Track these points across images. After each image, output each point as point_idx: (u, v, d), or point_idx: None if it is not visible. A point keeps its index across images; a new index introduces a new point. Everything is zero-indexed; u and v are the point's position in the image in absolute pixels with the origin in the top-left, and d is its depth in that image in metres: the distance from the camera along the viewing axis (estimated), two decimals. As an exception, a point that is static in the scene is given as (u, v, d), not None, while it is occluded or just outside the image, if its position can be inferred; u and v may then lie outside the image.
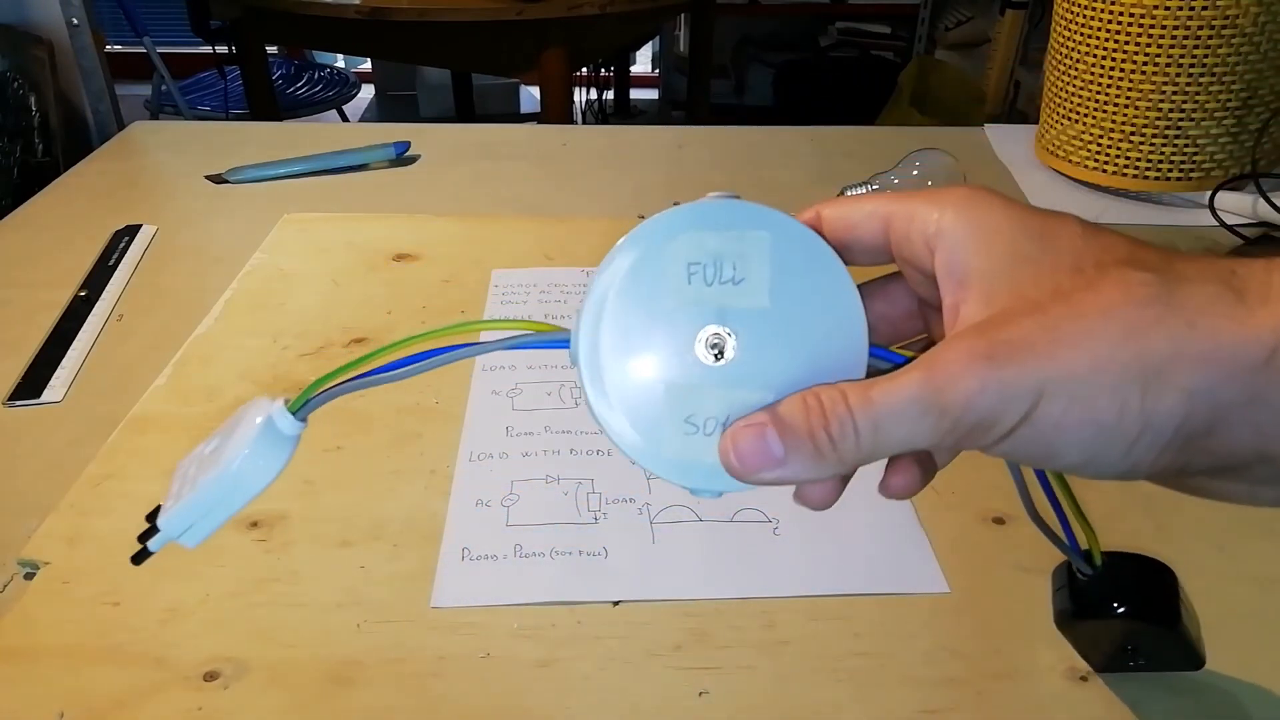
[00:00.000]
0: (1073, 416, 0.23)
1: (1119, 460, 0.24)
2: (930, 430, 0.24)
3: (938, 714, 0.37)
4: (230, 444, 0.28)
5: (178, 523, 0.28)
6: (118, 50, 2.84)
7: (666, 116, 3.03)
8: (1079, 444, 0.23)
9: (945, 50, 2.68)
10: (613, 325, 0.26)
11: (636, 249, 0.26)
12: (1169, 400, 0.22)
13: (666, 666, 0.39)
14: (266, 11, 1.78)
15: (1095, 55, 0.77)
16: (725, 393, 0.26)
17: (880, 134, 0.98)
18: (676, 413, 0.26)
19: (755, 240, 0.26)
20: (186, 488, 0.28)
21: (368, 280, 0.67)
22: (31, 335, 0.61)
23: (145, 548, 0.29)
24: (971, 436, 0.24)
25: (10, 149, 1.18)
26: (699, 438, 0.26)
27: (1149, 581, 0.34)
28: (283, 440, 0.28)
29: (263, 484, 0.28)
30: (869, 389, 0.24)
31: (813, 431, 0.25)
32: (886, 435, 0.24)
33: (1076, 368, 0.23)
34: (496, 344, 0.27)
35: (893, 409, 0.24)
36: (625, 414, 0.26)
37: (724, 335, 0.26)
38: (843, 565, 0.44)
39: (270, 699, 0.38)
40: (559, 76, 1.73)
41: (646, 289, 0.26)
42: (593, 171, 0.88)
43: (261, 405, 0.28)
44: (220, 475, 0.28)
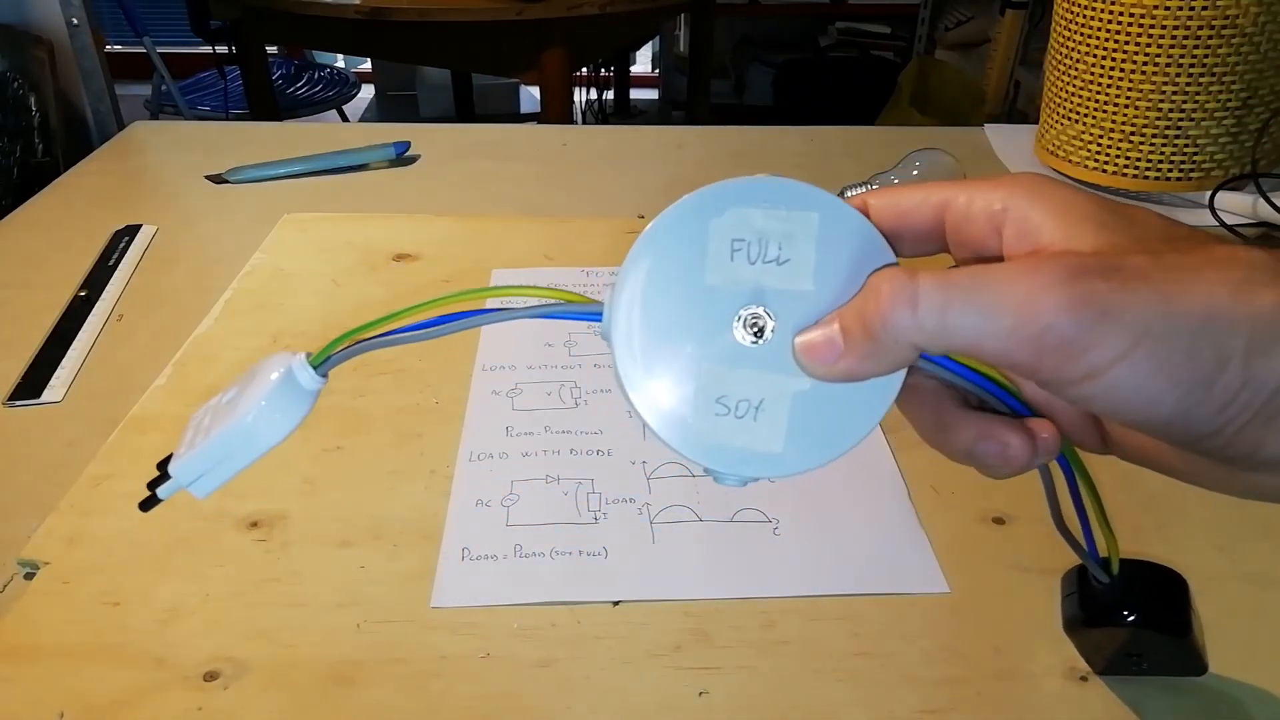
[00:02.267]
0: (1174, 363, 0.22)
1: (1210, 418, 0.22)
2: (1008, 332, 0.22)
3: (938, 714, 0.37)
4: (247, 395, 0.27)
5: (189, 470, 0.28)
6: (118, 50, 2.85)
7: (666, 116, 3.03)
8: (1177, 394, 0.22)
9: (945, 50, 2.68)
10: (649, 299, 0.25)
11: (679, 221, 0.25)
12: (1276, 359, 0.22)
13: (666, 666, 0.39)
14: (266, 11, 1.78)
15: (1095, 55, 0.77)
16: (760, 375, 0.25)
17: (880, 134, 0.98)
18: (709, 393, 0.25)
19: (803, 221, 0.25)
20: (200, 436, 0.28)
21: (368, 280, 0.67)
22: (31, 335, 0.61)
23: (154, 494, 0.28)
24: (1051, 360, 0.22)
25: (10, 149, 1.18)
26: (729, 420, 0.25)
27: (1162, 590, 0.34)
28: (301, 394, 0.27)
29: (278, 438, 0.27)
30: (947, 272, 0.23)
31: (863, 310, 0.23)
32: (954, 319, 0.22)
33: (1189, 311, 0.21)
34: (524, 311, 0.26)
35: (968, 290, 0.22)
36: (655, 391, 0.25)
37: (764, 316, 0.25)
38: (843, 565, 0.44)
39: (270, 699, 0.38)
40: (559, 76, 1.73)
41: (687, 263, 0.25)
42: (593, 171, 0.88)
43: (280, 359, 0.27)
44: (235, 425, 0.27)
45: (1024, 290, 0.22)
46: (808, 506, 0.47)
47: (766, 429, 0.25)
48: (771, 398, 0.25)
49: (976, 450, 0.26)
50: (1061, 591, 0.36)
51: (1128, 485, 0.47)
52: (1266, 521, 0.46)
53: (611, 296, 0.26)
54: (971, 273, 0.23)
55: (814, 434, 0.25)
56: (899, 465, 0.50)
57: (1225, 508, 0.47)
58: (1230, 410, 0.22)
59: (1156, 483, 0.47)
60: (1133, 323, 0.21)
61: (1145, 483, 0.47)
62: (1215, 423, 0.23)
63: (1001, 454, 0.26)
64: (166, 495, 0.28)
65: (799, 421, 0.25)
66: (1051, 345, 0.22)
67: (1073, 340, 0.22)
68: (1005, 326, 0.22)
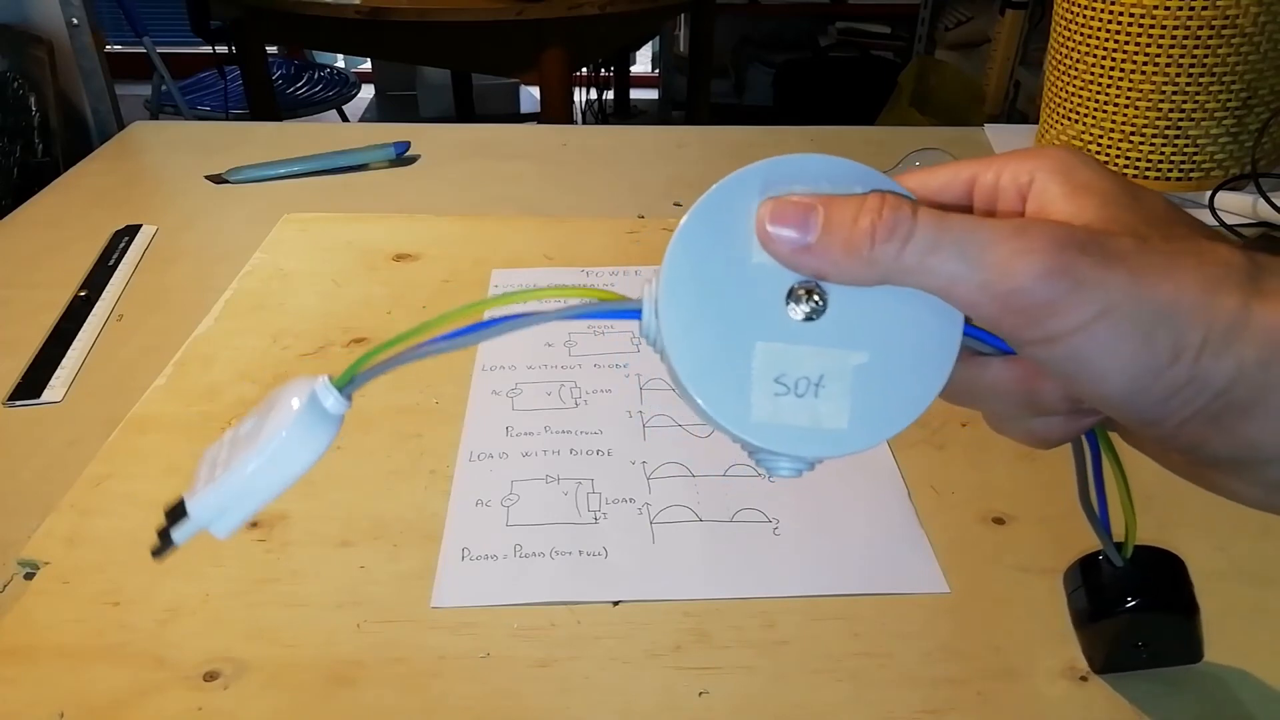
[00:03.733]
0: (1130, 344, 0.22)
1: (1154, 405, 0.23)
2: (979, 285, 0.23)
3: (938, 714, 0.37)
4: (269, 424, 0.26)
5: (208, 507, 0.26)
6: (118, 50, 2.85)
7: (666, 116, 3.03)
8: (1125, 374, 0.23)
9: (945, 50, 2.68)
10: (697, 282, 0.25)
11: (723, 201, 0.25)
12: (1224, 362, 0.22)
13: (666, 666, 0.39)
14: (266, 11, 1.78)
15: (1095, 55, 0.77)
16: (818, 351, 0.25)
17: (880, 134, 0.98)
18: (767, 373, 0.25)
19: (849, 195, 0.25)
20: (219, 470, 0.26)
21: (368, 280, 0.67)
22: (31, 335, 0.61)
23: (169, 539, 0.26)
24: (1013, 319, 0.23)
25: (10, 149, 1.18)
26: (790, 399, 0.25)
27: (1164, 571, 0.34)
28: (327, 419, 0.26)
29: (303, 467, 0.26)
30: (945, 214, 0.23)
31: (858, 220, 0.24)
32: (936, 260, 0.23)
33: (1155, 298, 0.22)
34: (558, 313, 0.26)
35: (959, 239, 0.23)
36: (711, 375, 0.25)
37: (815, 292, 0.25)
38: (843, 565, 0.44)
39: (270, 699, 0.38)
40: (559, 76, 1.73)
41: (733, 243, 0.25)
42: (593, 171, 0.88)
43: (301, 384, 0.26)
44: (257, 457, 0.25)
45: (1007, 250, 0.23)
46: (808, 506, 0.47)
47: (829, 406, 0.25)
48: (831, 373, 0.25)
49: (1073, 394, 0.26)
50: (1066, 589, 0.36)
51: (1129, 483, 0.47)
52: (1266, 521, 0.46)
53: (657, 283, 0.25)
54: (964, 220, 0.23)
55: (877, 407, 0.25)
56: (899, 465, 0.50)
57: (1225, 507, 0.47)
58: (1173, 403, 0.23)
59: (1156, 482, 0.47)
60: (1099, 298, 0.22)
61: (1145, 482, 0.47)
62: (1158, 412, 0.23)
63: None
64: (183, 539, 0.26)
65: (861, 396, 0.25)
66: (1018, 306, 0.23)
67: (1040, 305, 0.22)
68: (978, 280, 0.23)
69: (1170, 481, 0.28)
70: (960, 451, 0.51)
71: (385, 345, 0.26)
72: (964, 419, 0.53)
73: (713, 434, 0.52)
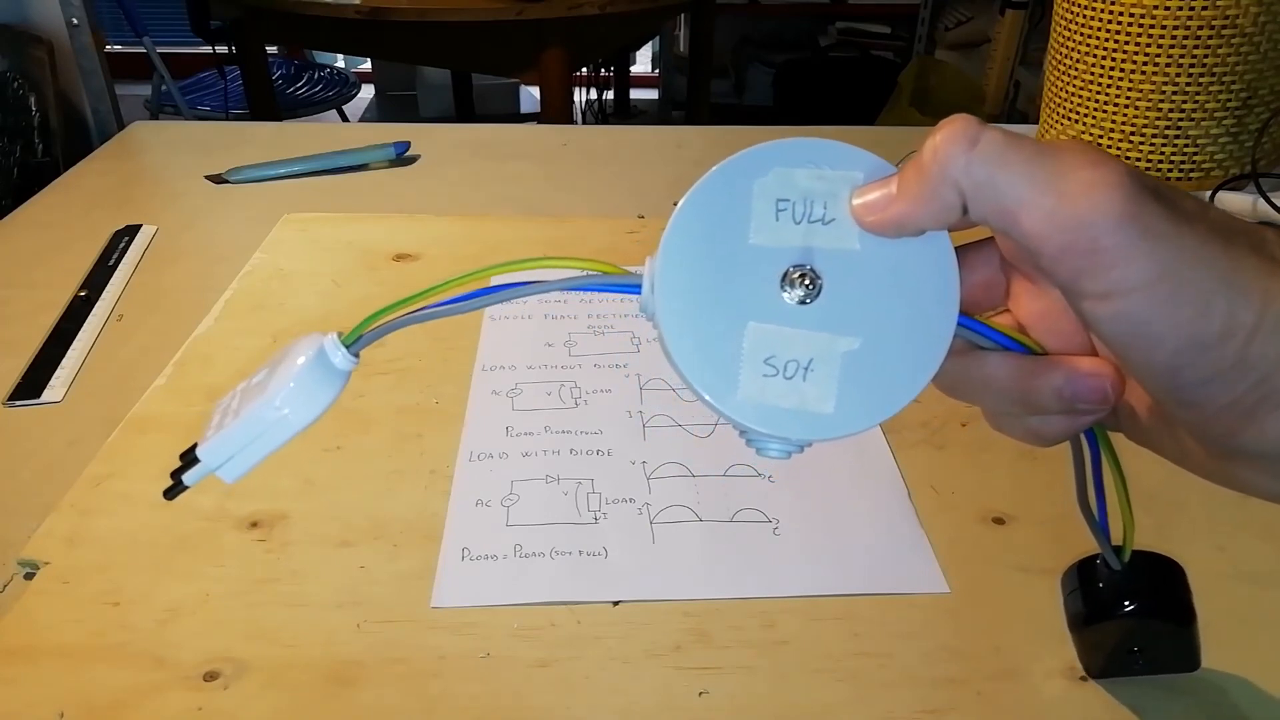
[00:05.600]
0: (1186, 313, 0.21)
1: (1196, 385, 0.22)
2: (1047, 212, 0.22)
3: (938, 714, 0.37)
4: (278, 375, 0.27)
5: (217, 453, 0.27)
6: (118, 50, 2.85)
7: (666, 116, 3.03)
8: (1174, 346, 0.22)
9: (945, 50, 2.68)
10: (694, 260, 0.25)
11: (723, 183, 0.25)
12: (1273, 348, 0.22)
13: (666, 666, 0.39)
14: (266, 11, 1.78)
15: (1095, 55, 0.77)
16: (809, 335, 0.25)
17: (880, 134, 0.98)
18: (757, 353, 0.25)
19: (847, 180, 0.25)
20: (229, 418, 0.27)
21: (368, 280, 0.67)
22: (31, 335, 0.61)
23: (180, 481, 0.27)
24: (1076, 262, 0.22)
25: (10, 149, 1.18)
26: (778, 380, 0.25)
27: (1164, 577, 0.34)
28: (333, 374, 0.27)
29: (308, 419, 0.27)
30: (1016, 134, 0.23)
31: (925, 144, 0.23)
32: (1005, 177, 0.22)
33: (1219, 264, 0.21)
34: (557, 283, 0.26)
35: (1030, 158, 0.22)
36: (701, 351, 0.25)
37: (811, 276, 0.25)
38: (843, 565, 0.44)
39: (270, 699, 0.38)
40: (559, 76, 1.73)
41: (731, 224, 0.25)
42: (593, 171, 0.88)
43: (312, 339, 0.27)
44: (265, 406, 0.26)
45: (1082, 179, 0.22)
46: (807, 506, 0.47)
47: (816, 389, 0.25)
48: (820, 358, 0.25)
49: (1069, 389, 0.25)
50: (1063, 590, 0.36)
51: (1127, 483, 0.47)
52: (1266, 521, 0.46)
53: (655, 261, 0.25)
54: (1037, 144, 0.22)
55: (864, 394, 0.25)
56: (899, 465, 0.50)
57: (1225, 508, 0.47)
58: (1214, 386, 0.22)
59: (1156, 482, 0.48)
60: (1166, 255, 0.21)
61: (1145, 482, 0.47)
62: (1197, 394, 0.23)
63: (1098, 387, 0.25)
64: (193, 481, 0.27)
65: (849, 381, 0.25)
66: (1084, 245, 0.22)
67: (1106, 249, 0.21)
68: (1047, 206, 0.22)
69: (1170, 482, 0.28)
70: (960, 451, 0.51)
71: (393, 305, 0.26)
72: (964, 419, 0.53)
73: (713, 434, 0.52)
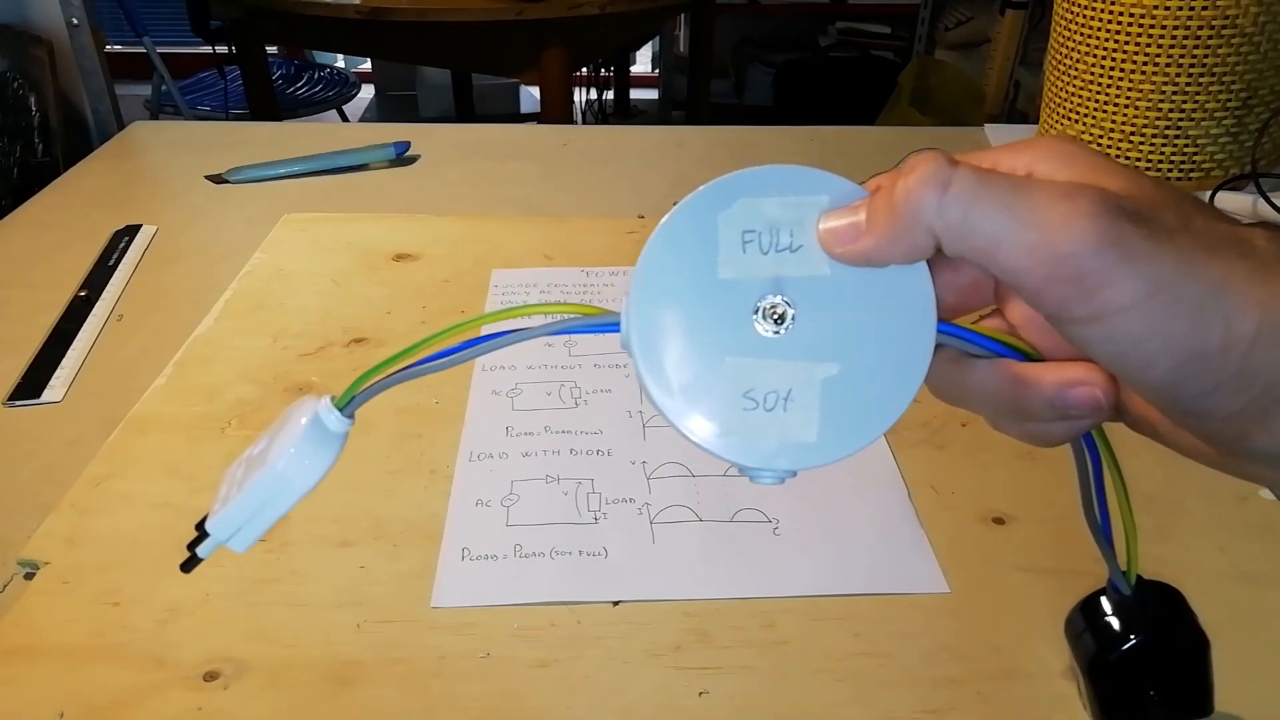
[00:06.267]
0: (1181, 327, 0.21)
1: (1200, 395, 0.22)
2: (1028, 247, 0.21)
3: (938, 714, 0.37)
4: (276, 444, 0.28)
5: (225, 526, 0.28)
6: (118, 50, 2.84)
7: (666, 116, 3.03)
8: (1174, 359, 0.21)
9: (945, 50, 2.68)
10: (665, 300, 0.25)
11: (687, 219, 0.25)
12: (1276, 354, 0.21)
13: (666, 666, 0.39)
14: (266, 11, 1.78)
15: (1095, 55, 0.77)
16: (786, 365, 0.25)
17: (880, 134, 0.98)
18: (735, 388, 0.25)
19: (813, 205, 0.24)
20: (234, 490, 0.28)
21: (368, 280, 0.67)
22: (31, 335, 0.61)
23: (195, 554, 0.28)
24: (1061, 290, 0.22)
25: (10, 149, 1.18)
26: (759, 413, 0.25)
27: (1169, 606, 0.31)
28: (329, 438, 0.28)
29: (310, 483, 0.28)
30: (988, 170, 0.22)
31: (895, 185, 0.23)
32: (979, 215, 0.22)
33: (1207, 276, 0.21)
34: (542, 329, 0.26)
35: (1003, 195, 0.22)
36: (680, 391, 0.25)
37: (783, 305, 0.24)
38: (843, 565, 0.44)
39: (270, 699, 0.38)
40: (559, 76, 1.73)
41: (699, 261, 0.25)
42: (593, 171, 0.88)
43: (307, 404, 0.28)
44: (266, 476, 0.27)
45: (1057, 211, 0.21)
46: (807, 506, 0.47)
47: (798, 418, 0.25)
48: (799, 386, 0.25)
49: (1061, 399, 0.25)
50: (1069, 636, 0.33)
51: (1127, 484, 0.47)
52: (1266, 521, 0.46)
53: (627, 302, 0.25)
54: (1008, 177, 0.22)
55: (847, 419, 0.25)
56: (899, 465, 0.50)
57: (1225, 508, 0.47)
58: (1219, 395, 0.22)
59: (1156, 483, 0.48)
60: (1152, 273, 0.21)
61: (1145, 482, 0.47)
62: (1203, 404, 0.22)
63: (1090, 396, 0.24)
64: (206, 554, 0.28)
65: (830, 408, 0.25)
66: (1067, 274, 0.21)
67: (1089, 274, 0.21)
68: (1028, 241, 0.22)
69: (1170, 483, 0.28)
70: (960, 451, 0.51)
71: (382, 365, 0.27)
72: (964, 419, 0.53)
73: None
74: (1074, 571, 0.43)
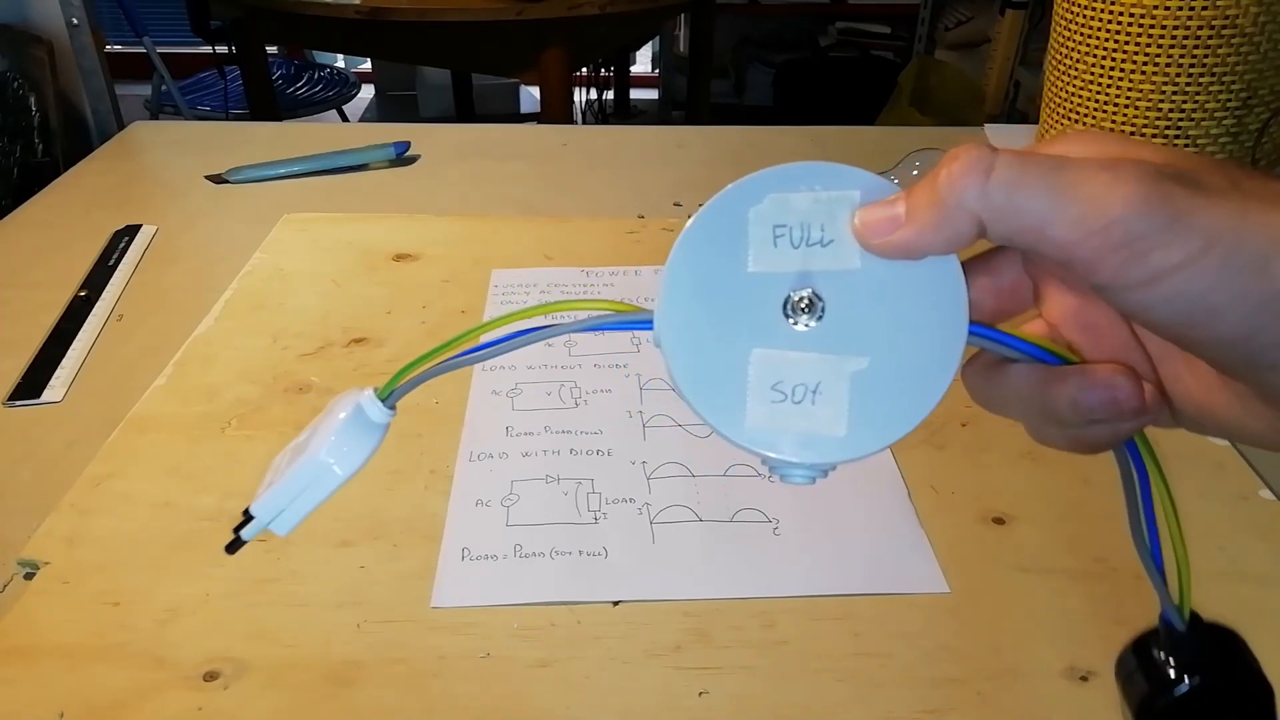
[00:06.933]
0: (1243, 277, 0.21)
1: (1273, 347, 0.21)
2: (1074, 219, 0.21)
3: (938, 714, 0.37)
4: (319, 433, 0.29)
5: (269, 509, 0.29)
6: (118, 50, 2.84)
7: (666, 116, 3.03)
8: (1241, 311, 0.21)
9: (945, 50, 2.68)
10: (695, 295, 0.25)
11: (718, 215, 0.25)
12: None
13: (666, 666, 0.39)
14: (266, 11, 1.78)
15: (1095, 55, 0.77)
16: (815, 358, 0.25)
17: (880, 134, 0.98)
18: (764, 380, 0.25)
19: (844, 200, 0.24)
20: (278, 476, 0.29)
21: (368, 280, 0.67)
22: (31, 335, 0.61)
23: (238, 537, 0.29)
24: (1114, 259, 0.21)
25: (10, 149, 1.18)
26: (787, 405, 0.25)
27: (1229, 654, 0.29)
28: (371, 428, 0.28)
29: (350, 470, 0.28)
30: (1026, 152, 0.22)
31: (937, 175, 0.23)
32: (1024, 197, 0.22)
33: (1265, 223, 0.21)
34: (576, 325, 0.27)
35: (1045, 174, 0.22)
36: (708, 383, 0.25)
37: (813, 299, 0.25)
38: (843, 565, 0.44)
39: (270, 699, 0.38)
40: (559, 76, 1.73)
41: (729, 255, 0.25)
42: (593, 171, 0.88)
43: (351, 395, 0.29)
44: (308, 462, 0.28)
45: (1100, 181, 0.21)
46: (807, 506, 0.47)
47: (827, 412, 0.25)
48: (829, 380, 0.25)
49: (1083, 401, 0.24)
50: (1119, 674, 0.30)
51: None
52: (1267, 521, 0.46)
53: (658, 300, 0.25)
54: (1049, 157, 0.22)
55: (877, 413, 0.25)
56: (899, 465, 0.50)
57: (1225, 508, 0.47)
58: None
59: (1156, 483, 0.47)
60: (1205, 227, 0.21)
61: (1145, 483, 0.47)
62: (1276, 354, 0.22)
63: (1110, 399, 0.24)
64: (250, 536, 0.29)
65: (860, 401, 0.25)
66: (1117, 240, 0.21)
67: (1140, 238, 0.21)
68: (1073, 214, 0.22)
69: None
70: (960, 451, 0.51)
71: (423, 358, 0.27)
72: (964, 419, 0.53)
73: (713, 434, 0.52)
74: (1074, 571, 0.43)
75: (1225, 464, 0.50)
